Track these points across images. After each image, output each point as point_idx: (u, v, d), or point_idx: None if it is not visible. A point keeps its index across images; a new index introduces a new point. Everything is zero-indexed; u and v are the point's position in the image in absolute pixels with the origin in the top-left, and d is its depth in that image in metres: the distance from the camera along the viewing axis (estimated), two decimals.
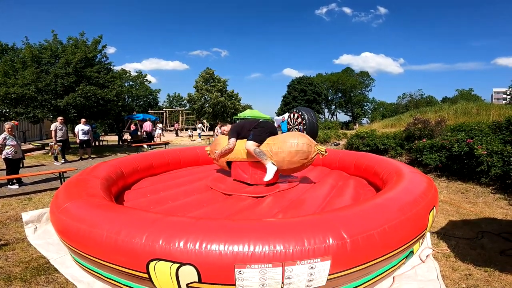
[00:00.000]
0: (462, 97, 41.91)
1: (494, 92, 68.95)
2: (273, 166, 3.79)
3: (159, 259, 1.89)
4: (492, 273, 2.75)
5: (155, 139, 17.98)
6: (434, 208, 2.83)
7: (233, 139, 4.17)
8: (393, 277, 2.69)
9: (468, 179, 6.31)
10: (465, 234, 3.67)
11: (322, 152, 3.87)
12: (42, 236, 3.60)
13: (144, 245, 1.93)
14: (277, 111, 49.03)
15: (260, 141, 3.94)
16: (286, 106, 44.52)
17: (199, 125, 22.93)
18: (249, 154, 3.92)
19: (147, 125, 16.38)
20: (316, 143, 3.96)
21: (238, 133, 4.20)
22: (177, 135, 25.07)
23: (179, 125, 28.22)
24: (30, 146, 13.23)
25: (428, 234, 3.54)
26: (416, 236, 2.46)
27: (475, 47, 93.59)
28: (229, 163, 4.37)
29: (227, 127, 4.66)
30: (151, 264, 1.91)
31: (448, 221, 4.13)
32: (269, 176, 3.78)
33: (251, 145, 3.86)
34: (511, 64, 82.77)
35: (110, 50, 78.25)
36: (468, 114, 13.03)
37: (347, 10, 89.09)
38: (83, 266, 2.56)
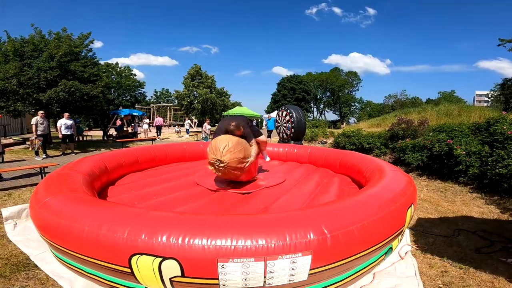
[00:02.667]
0: (445, 99, 43.14)
1: (477, 94, 71.00)
2: None
3: (142, 254, 1.89)
4: (467, 270, 2.84)
5: (141, 134, 17.68)
6: (412, 205, 2.92)
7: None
8: (374, 273, 2.76)
9: (447, 178, 6.53)
10: (442, 231, 3.79)
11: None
12: (22, 232, 3.52)
13: (126, 240, 1.93)
14: (266, 109, 49.19)
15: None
16: (276, 104, 44.66)
17: (187, 121, 22.69)
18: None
19: (159, 120, 19.81)
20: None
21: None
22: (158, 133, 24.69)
23: (162, 120, 27.81)
24: (11, 141, 12.79)
25: (407, 231, 3.65)
26: (394, 233, 2.54)
27: (458, 49, 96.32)
28: None
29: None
30: (134, 259, 1.91)
31: (427, 219, 4.27)
32: None
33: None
34: (493, 67, 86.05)
35: (97, 44, 76.14)
36: (450, 115, 13.47)
37: (336, 10, 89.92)
38: (64, 262, 2.52)
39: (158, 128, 19.37)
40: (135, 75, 33.84)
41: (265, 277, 1.93)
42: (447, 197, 5.44)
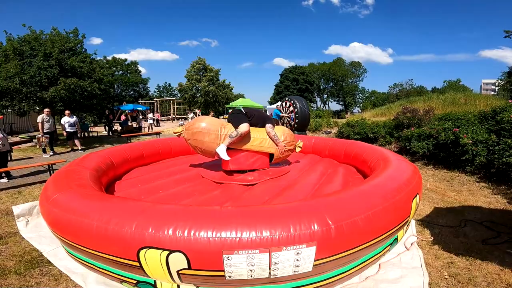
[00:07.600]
0: (451, 87, 42.36)
1: (483, 83, 69.75)
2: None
3: (149, 247, 1.92)
4: (474, 261, 2.83)
5: (145, 129, 17.77)
6: (418, 195, 2.91)
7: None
8: (379, 264, 2.77)
9: (454, 168, 6.48)
10: (449, 222, 3.78)
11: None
12: (34, 229, 3.58)
13: (134, 234, 1.96)
14: (269, 100, 48.99)
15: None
16: (279, 95, 44.42)
17: (191, 115, 22.72)
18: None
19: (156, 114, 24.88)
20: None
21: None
22: (156, 125, 24.79)
23: (159, 115, 28.00)
24: (18, 139, 12.95)
25: (413, 222, 3.65)
26: (400, 223, 2.54)
27: (462, 38, 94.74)
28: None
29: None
30: (142, 252, 1.95)
31: (433, 209, 4.25)
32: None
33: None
34: (495, 56, 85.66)
35: (97, 41, 76.08)
36: (456, 104, 13.23)
37: (334, 0, 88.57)
38: (76, 257, 2.57)
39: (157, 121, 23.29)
40: (140, 71, 33.74)
41: (270, 268, 1.96)
42: (453, 187, 5.41)
